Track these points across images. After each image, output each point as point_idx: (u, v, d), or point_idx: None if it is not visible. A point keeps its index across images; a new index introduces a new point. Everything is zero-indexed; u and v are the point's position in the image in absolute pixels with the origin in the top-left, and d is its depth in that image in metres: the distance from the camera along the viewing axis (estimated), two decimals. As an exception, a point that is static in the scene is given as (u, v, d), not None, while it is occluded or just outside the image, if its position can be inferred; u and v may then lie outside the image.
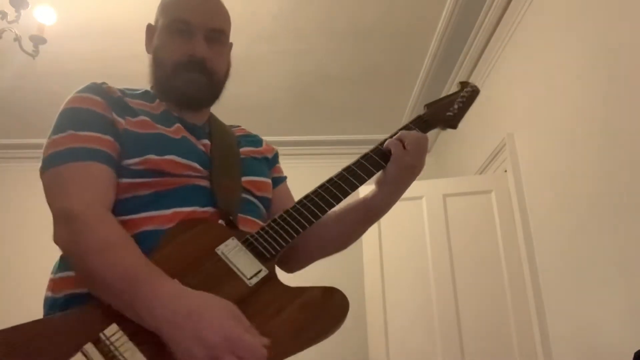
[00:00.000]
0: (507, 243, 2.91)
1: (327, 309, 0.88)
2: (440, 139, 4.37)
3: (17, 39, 2.78)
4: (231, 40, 1.16)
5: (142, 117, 1.03)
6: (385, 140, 1.07)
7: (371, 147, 1.08)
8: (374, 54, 3.52)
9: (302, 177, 1.78)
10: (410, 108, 4.11)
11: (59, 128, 0.98)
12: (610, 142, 2.06)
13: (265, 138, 1.25)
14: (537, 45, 2.69)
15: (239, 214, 0.99)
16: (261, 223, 1.02)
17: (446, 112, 1.16)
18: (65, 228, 0.87)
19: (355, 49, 3.45)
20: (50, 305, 0.92)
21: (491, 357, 2.77)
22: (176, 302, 0.76)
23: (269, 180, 1.16)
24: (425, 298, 2.95)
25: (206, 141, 1.08)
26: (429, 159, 4.04)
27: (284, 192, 1.23)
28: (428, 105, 1.17)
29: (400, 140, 1.05)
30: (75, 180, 0.92)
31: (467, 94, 1.20)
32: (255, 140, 1.23)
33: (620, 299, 1.99)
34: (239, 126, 1.25)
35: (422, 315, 2.93)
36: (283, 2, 3.06)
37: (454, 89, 4.00)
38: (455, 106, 1.17)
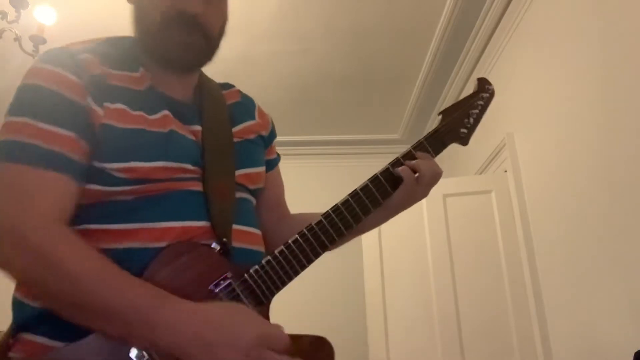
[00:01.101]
0: (507, 243, 2.91)
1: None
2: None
3: (17, 39, 2.78)
4: (231, 40, 1.11)
5: (119, 105, 0.86)
6: (397, 160, 0.99)
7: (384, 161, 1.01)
8: (374, 54, 3.52)
9: (302, 177, 1.78)
10: (410, 108, 4.12)
11: (15, 108, 0.82)
12: (610, 142, 2.06)
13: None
14: (537, 45, 2.69)
15: (233, 225, 0.89)
16: (256, 232, 0.95)
17: (461, 127, 1.08)
18: (14, 251, 0.74)
19: (355, 49, 3.45)
20: (25, 315, 0.79)
21: (491, 357, 2.77)
22: (197, 319, 0.72)
23: (264, 169, 1.05)
24: (425, 298, 2.94)
25: (197, 127, 0.94)
26: (429, 159, 3.85)
27: (277, 179, 1.15)
28: (444, 115, 1.07)
29: (414, 170, 0.98)
30: (22, 190, 0.76)
31: (484, 101, 1.11)
32: (249, 110, 1.09)
33: (620, 298, 1.99)
34: (231, 86, 1.11)
35: (422, 315, 2.93)
36: (283, 2, 3.06)
37: (454, 88, 4.02)
38: (471, 119, 1.09)
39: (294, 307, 4.18)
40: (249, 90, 1.10)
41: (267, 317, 0.84)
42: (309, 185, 4.05)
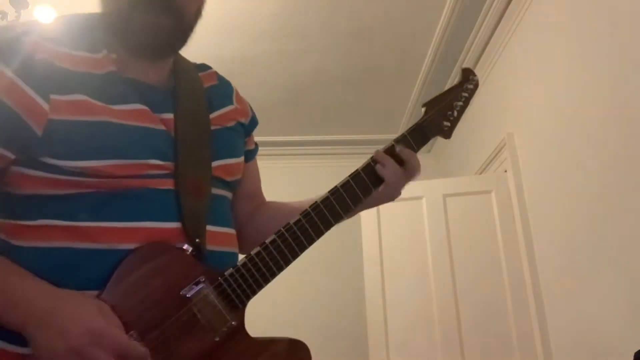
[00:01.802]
0: (507, 243, 2.91)
1: None
2: (440, 139, 4.35)
3: (17, 39, 2.78)
4: (231, 40, 1.08)
5: (77, 96, 0.77)
6: (376, 155, 0.96)
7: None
8: (374, 54, 3.52)
9: (302, 177, 1.78)
10: (410, 108, 4.11)
11: None
12: (610, 142, 2.06)
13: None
14: (537, 46, 2.69)
15: (207, 226, 0.83)
16: (231, 232, 0.91)
17: (444, 119, 1.05)
18: None
19: (355, 49, 3.45)
20: None
21: (491, 357, 2.77)
22: (40, 301, 0.70)
23: (242, 159, 0.98)
24: (425, 298, 2.94)
25: (169, 115, 0.86)
26: (429, 159, 4.05)
27: (254, 171, 1.09)
28: (427, 107, 1.05)
29: (398, 165, 0.96)
30: None
31: (469, 92, 1.09)
32: (227, 95, 1.02)
33: (620, 298, 1.99)
34: (208, 68, 1.03)
35: (422, 315, 2.93)
36: (283, 2, 3.05)
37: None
38: (455, 112, 1.07)
39: (294, 307, 4.18)
40: (249, 90, 1.09)
41: (242, 321, 0.80)
42: (309, 185, 4.03)
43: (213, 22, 3.08)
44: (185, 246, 0.78)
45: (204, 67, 1.03)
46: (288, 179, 3.91)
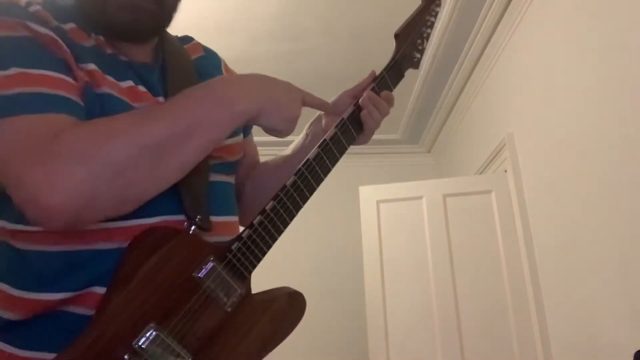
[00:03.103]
0: (507, 243, 2.91)
1: (291, 316, 0.86)
2: (440, 139, 4.37)
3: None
4: (231, 40, 1.07)
5: (91, 66, 0.76)
6: (363, 102, 0.97)
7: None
8: (374, 54, 3.51)
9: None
10: (410, 108, 4.11)
11: None
12: (610, 142, 2.06)
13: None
14: (537, 46, 2.69)
15: (211, 217, 0.82)
16: (234, 220, 0.90)
17: (414, 51, 1.07)
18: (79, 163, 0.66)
19: (355, 49, 3.45)
20: None
21: (491, 357, 2.77)
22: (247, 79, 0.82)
23: (241, 137, 0.96)
24: (425, 298, 2.94)
25: (161, 99, 0.84)
26: (429, 159, 4.03)
27: (252, 144, 1.07)
28: (400, 38, 1.05)
29: (375, 108, 0.97)
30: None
31: (435, 15, 1.08)
32: (216, 65, 1.00)
33: (620, 298, 1.99)
34: (191, 39, 1.00)
35: (422, 315, 2.93)
36: (283, 2, 3.06)
37: (454, 88, 4.00)
38: (425, 41, 1.08)
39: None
40: (249, 90, 1.08)
41: (249, 288, 0.80)
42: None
43: (213, 22, 3.08)
44: (193, 227, 0.78)
45: (187, 39, 1.00)
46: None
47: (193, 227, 0.77)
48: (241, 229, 0.83)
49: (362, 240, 3.15)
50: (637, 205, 1.89)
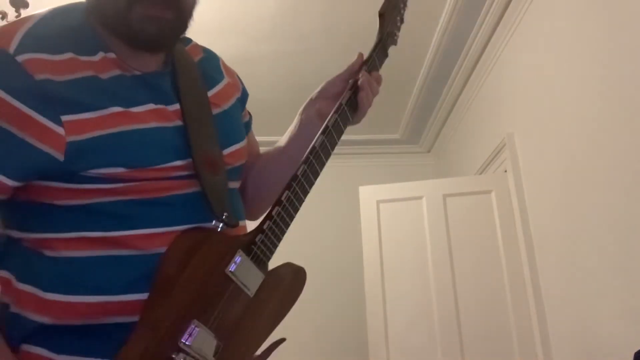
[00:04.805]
0: (507, 243, 2.91)
1: (295, 292, 0.94)
2: (440, 139, 4.37)
3: (17, 39, 2.78)
4: (231, 40, 1.06)
5: (81, 116, 0.75)
6: (356, 81, 1.00)
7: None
8: (374, 54, 3.52)
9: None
10: (410, 108, 4.12)
11: None
12: (611, 142, 2.06)
13: (265, 138, 1.15)
14: (538, 45, 2.69)
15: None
16: (244, 224, 0.94)
17: (395, 29, 1.10)
18: None
19: (355, 49, 3.43)
20: (26, 328, 0.75)
21: (491, 357, 2.77)
22: None
23: (245, 141, 0.98)
24: (425, 298, 2.95)
25: (176, 106, 0.85)
26: (429, 159, 4.03)
27: (253, 139, 1.08)
28: (384, 17, 1.08)
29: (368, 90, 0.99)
30: None
31: None
32: (216, 67, 1.00)
33: (620, 298, 1.99)
34: (190, 41, 1.00)
35: (422, 314, 2.93)
36: (283, 2, 3.06)
37: (454, 88, 4.01)
38: (402, 19, 1.12)
39: (294, 307, 4.18)
40: (250, 90, 1.09)
41: (267, 271, 0.86)
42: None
43: (214, 23, 3.09)
44: (220, 226, 0.82)
45: (187, 41, 1.00)
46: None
47: (221, 225, 0.81)
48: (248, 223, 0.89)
49: (362, 240, 3.15)
50: (637, 204, 1.89)
